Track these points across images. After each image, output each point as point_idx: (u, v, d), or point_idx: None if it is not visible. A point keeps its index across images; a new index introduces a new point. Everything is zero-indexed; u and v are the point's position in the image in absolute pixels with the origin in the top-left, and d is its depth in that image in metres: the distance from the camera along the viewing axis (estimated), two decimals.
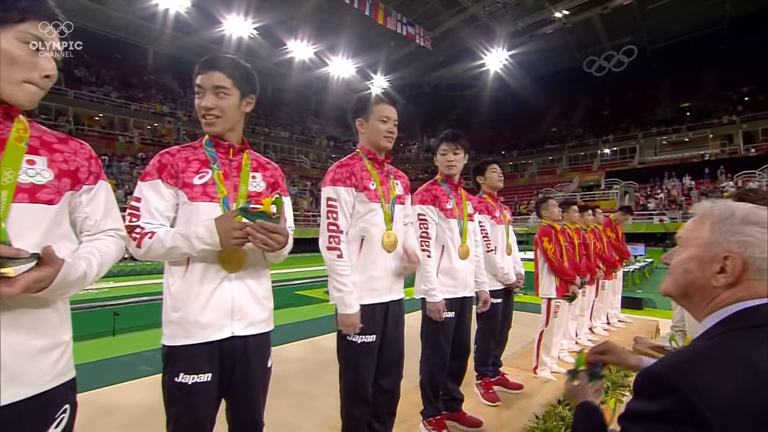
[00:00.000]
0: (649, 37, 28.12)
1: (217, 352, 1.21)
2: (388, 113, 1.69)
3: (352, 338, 1.60)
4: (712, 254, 0.73)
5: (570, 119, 33.75)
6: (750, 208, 0.74)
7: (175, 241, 1.14)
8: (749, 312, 0.68)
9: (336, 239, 1.56)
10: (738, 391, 0.57)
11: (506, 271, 2.64)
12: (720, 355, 0.62)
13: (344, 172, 1.64)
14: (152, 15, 22.06)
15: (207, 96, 1.23)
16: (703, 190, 21.04)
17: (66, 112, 20.09)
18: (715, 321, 0.72)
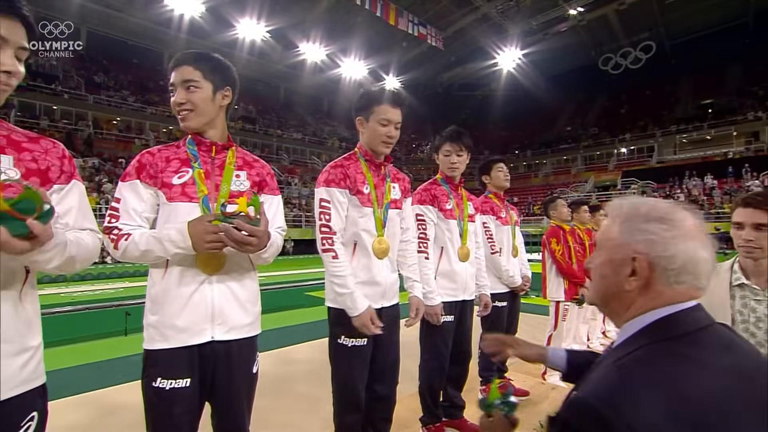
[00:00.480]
0: (668, 32, 27.34)
1: (197, 357, 1.17)
2: (390, 116, 1.59)
3: (343, 341, 1.56)
4: (622, 256, 0.67)
5: (585, 118, 33.09)
6: (654, 203, 0.69)
7: (148, 244, 1.11)
8: (665, 322, 0.64)
9: (329, 240, 1.51)
10: (667, 423, 0.52)
11: (511, 274, 2.55)
12: (649, 382, 0.56)
13: (338, 173, 1.58)
14: (168, 20, 22.56)
15: (178, 91, 1.20)
16: (727, 189, 20.32)
17: (85, 117, 20.69)
18: (633, 331, 0.66)
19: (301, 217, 21.13)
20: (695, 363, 0.58)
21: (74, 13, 20.08)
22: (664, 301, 0.65)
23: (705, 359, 0.59)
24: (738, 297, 1.28)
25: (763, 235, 1.22)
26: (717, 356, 0.60)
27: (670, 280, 0.64)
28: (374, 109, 1.59)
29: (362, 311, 1.47)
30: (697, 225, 0.66)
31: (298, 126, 31.20)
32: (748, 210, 1.25)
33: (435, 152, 2.22)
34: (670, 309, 0.64)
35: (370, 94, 1.63)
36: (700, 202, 20.22)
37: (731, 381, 0.58)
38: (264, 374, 3.73)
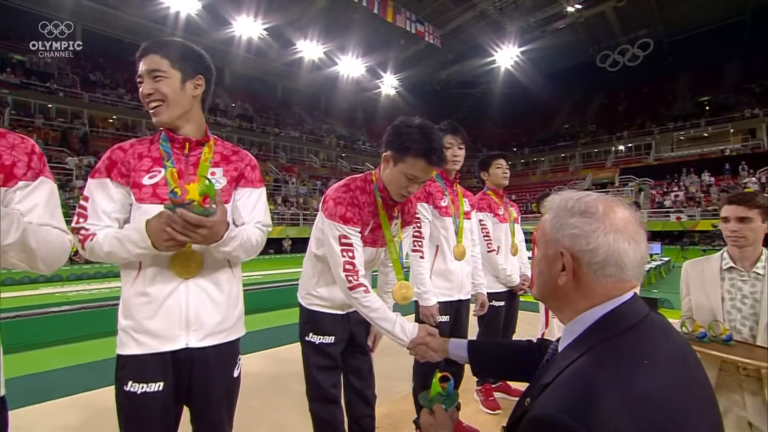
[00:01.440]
0: (666, 29, 27.33)
1: (170, 362, 1.12)
2: (421, 174, 1.36)
3: (310, 339, 1.55)
4: (554, 252, 0.69)
5: (583, 116, 33.10)
6: (581, 196, 0.69)
7: (111, 245, 1.05)
8: (608, 319, 0.64)
9: (355, 276, 1.36)
10: (635, 423, 0.52)
11: (509, 273, 2.50)
12: (608, 388, 0.55)
13: (356, 213, 1.41)
14: (164, 18, 22.40)
15: (145, 82, 1.13)
16: (724, 186, 20.37)
17: (81, 115, 20.58)
18: (579, 331, 0.67)
19: (299, 215, 21.09)
20: (644, 357, 0.59)
21: (69, 11, 19.93)
22: (599, 297, 0.65)
23: (651, 351, 0.60)
24: (727, 279, 1.56)
25: (745, 226, 1.49)
26: (659, 346, 0.62)
27: (597, 273, 0.64)
28: (408, 159, 1.35)
29: (407, 339, 1.26)
30: (623, 218, 0.65)
31: (296, 124, 31.11)
32: (733, 206, 1.53)
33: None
34: (609, 305, 0.65)
35: (411, 139, 1.34)
36: (698, 199, 20.29)
37: (675, 367, 0.60)
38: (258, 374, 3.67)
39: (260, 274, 10.21)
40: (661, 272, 10.73)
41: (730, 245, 1.56)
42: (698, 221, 18.45)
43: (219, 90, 29.28)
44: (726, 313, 1.54)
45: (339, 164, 29.97)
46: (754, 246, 1.51)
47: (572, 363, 0.62)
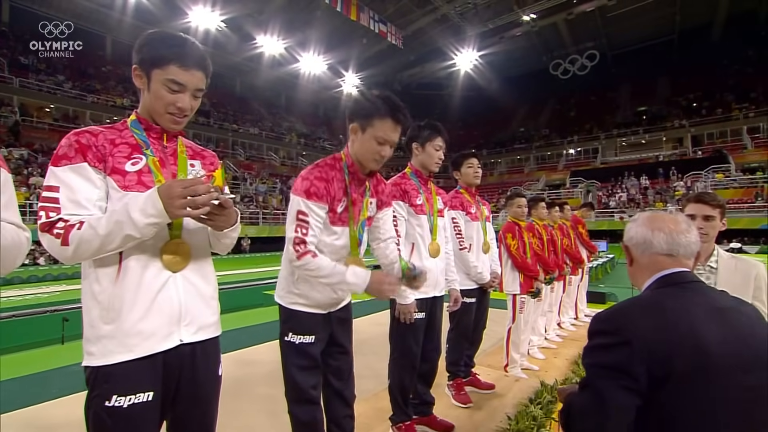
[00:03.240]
0: (610, 43, 29.50)
1: (161, 366, 1.05)
2: (391, 135, 1.41)
3: (290, 338, 1.51)
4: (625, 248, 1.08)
5: (537, 120, 34.86)
6: (639, 214, 1.07)
7: (109, 224, 0.94)
8: (664, 278, 0.97)
9: (302, 247, 1.40)
10: (650, 320, 0.86)
11: (479, 270, 2.54)
12: (645, 304, 0.92)
13: (321, 188, 1.41)
14: (111, 2, 20.82)
15: (186, 97, 1.08)
16: (658, 189, 22.35)
17: (10, 102, 18.57)
18: (645, 286, 1.01)
19: (258, 213, 20.42)
20: (676, 296, 0.91)
21: None
22: (651, 268, 0.99)
23: (688, 294, 0.91)
24: None
25: (709, 224, 1.60)
26: (699, 295, 0.92)
27: (639, 251, 1.01)
28: (374, 123, 1.40)
29: (369, 279, 1.36)
30: (652, 216, 1.03)
31: (255, 121, 30.11)
32: (699, 204, 1.63)
33: (420, 144, 2.08)
34: (665, 271, 0.97)
35: (373, 103, 1.41)
36: (637, 201, 22.06)
37: (704, 306, 0.88)
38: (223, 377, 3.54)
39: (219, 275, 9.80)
40: (606, 268, 11.59)
41: None
42: None
43: None
44: None
45: (300, 162, 29.40)
46: (710, 243, 1.62)
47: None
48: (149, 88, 1.07)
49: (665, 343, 0.81)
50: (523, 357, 3.28)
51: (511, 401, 2.54)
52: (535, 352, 3.59)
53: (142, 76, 1.07)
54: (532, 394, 2.53)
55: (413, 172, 2.13)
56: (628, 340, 0.82)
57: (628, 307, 0.91)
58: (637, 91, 30.75)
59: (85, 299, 1.04)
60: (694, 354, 0.80)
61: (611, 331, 0.87)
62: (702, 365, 0.80)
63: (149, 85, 1.07)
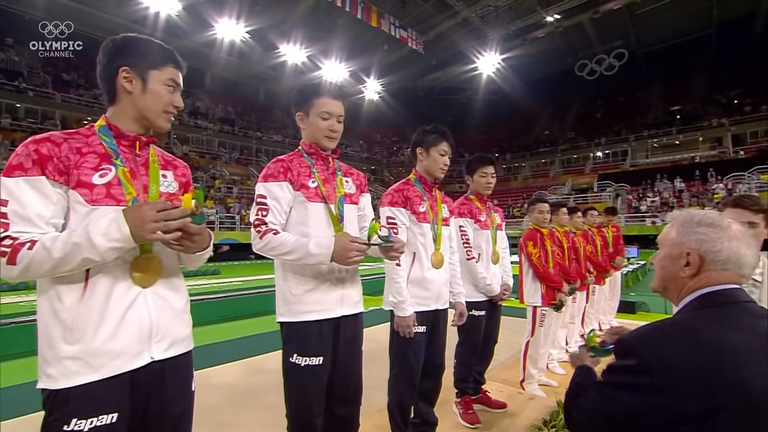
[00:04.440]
0: (639, 41, 28.37)
1: (128, 385, 1.00)
2: (331, 108, 1.50)
3: (295, 360, 1.43)
4: (679, 251, 0.91)
5: (562, 122, 33.93)
6: (704, 213, 0.92)
7: (66, 246, 0.88)
8: (710, 296, 0.85)
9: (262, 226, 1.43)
10: (679, 352, 0.76)
11: (488, 282, 2.38)
12: (671, 331, 0.81)
13: (279, 167, 1.48)
14: (143, 18, 21.83)
15: (177, 93, 1.13)
16: (694, 192, 21.18)
17: (53, 116, 19.81)
18: (685, 303, 0.89)
19: None
20: (719, 322, 0.79)
21: (43, 8, 19.23)
22: (713, 281, 0.86)
23: (731, 320, 0.80)
24: None
25: (750, 231, 1.36)
26: (743, 320, 0.80)
27: (718, 267, 0.86)
28: (314, 102, 1.50)
29: (333, 247, 1.35)
30: (740, 230, 0.88)
31: (278, 128, 30.77)
32: (738, 210, 1.48)
33: (425, 149, 2.00)
34: (716, 287, 0.85)
35: (308, 88, 1.54)
36: (671, 204, 20.99)
37: (749, 336, 0.77)
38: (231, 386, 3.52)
39: (240, 280, 9.97)
40: (637, 275, 11.00)
41: None
42: None
43: (200, 92, 28.73)
44: None
45: None
46: None
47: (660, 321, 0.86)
48: (145, 89, 1.06)
49: (701, 383, 0.73)
50: (541, 372, 3.10)
51: (523, 422, 2.37)
52: (554, 366, 3.40)
53: (135, 78, 1.05)
54: (547, 414, 2.36)
55: (417, 179, 2.04)
56: (646, 368, 0.77)
57: (652, 334, 0.83)
58: (669, 90, 29.40)
59: (42, 317, 0.96)
60: (738, 400, 0.71)
61: (631, 355, 0.81)
62: (751, 410, 0.71)
63: (145, 87, 1.06)
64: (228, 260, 16.32)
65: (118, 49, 1.06)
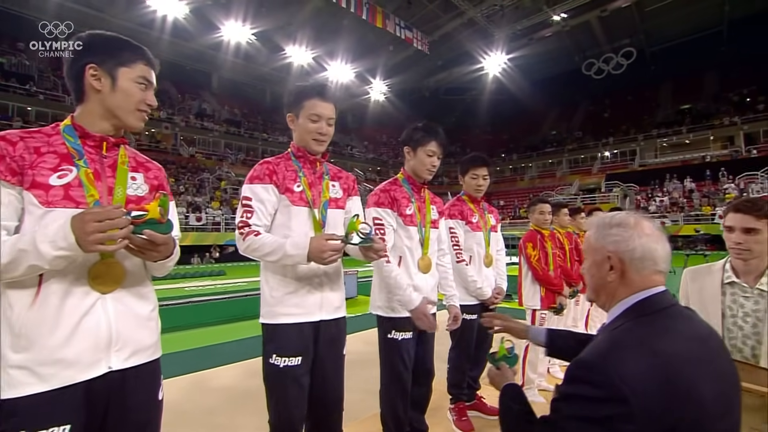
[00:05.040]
0: (648, 39, 27.97)
1: (82, 395, 0.95)
2: (320, 110, 1.48)
3: (274, 360, 1.41)
4: (601, 257, 0.90)
5: (569, 122, 33.61)
6: (614, 214, 0.93)
7: (13, 251, 0.85)
8: (642, 303, 0.86)
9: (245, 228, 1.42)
10: (646, 371, 0.73)
11: (479, 285, 2.30)
12: (630, 344, 0.78)
13: (264, 169, 1.46)
14: (150, 21, 22.09)
15: (150, 91, 1.11)
16: (705, 192, 20.81)
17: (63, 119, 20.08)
18: (618, 312, 0.89)
19: None
20: (664, 330, 0.80)
21: (52, 13, 19.54)
22: (637, 287, 0.86)
23: (671, 327, 0.81)
24: (728, 293, 1.44)
25: (751, 238, 1.35)
26: (681, 325, 0.82)
27: (637, 268, 0.86)
28: (304, 104, 1.48)
29: (309, 247, 1.32)
30: (649, 226, 0.89)
31: (284, 129, 30.89)
32: (739, 215, 1.38)
33: (412, 148, 1.90)
34: (644, 294, 0.85)
35: (298, 89, 1.52)
36: (681, 205, 20.66)
37: (692, 342, 0.80)
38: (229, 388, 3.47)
39: (245, 281, 10.00)
40: None
41: (734, 257, 1.42)
42: (681, 226, 18.75)
43: (206, 94, 29.00)
44: (726, 331, 1.41)
45: None
46: (760, 259, 1.35)
47: (611, 331, 0.85)
48: (114, 87, 1.03)
49: (664, 400, 0.71)
50: (541, 377, 3.03)
51: None
52: (555, 371, 3.33)
53: (103, 76, 1.02)
54: None
55: (405, 179, 1.95)
56: (622, 397, 0.71)
57: (613, 352, 0.78)
58: (679, 88, 28.95)
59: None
60: (690, 411, 0.72)
61: (599, 383, 0.74)
62: (698, 420, 0.73)
63: (114, 84, 1.03)
64: (234, 261, 16.43)
65: (84, 46, 1.03)
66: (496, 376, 1.18)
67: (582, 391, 0.77)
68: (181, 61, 27.26)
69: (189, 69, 28.27)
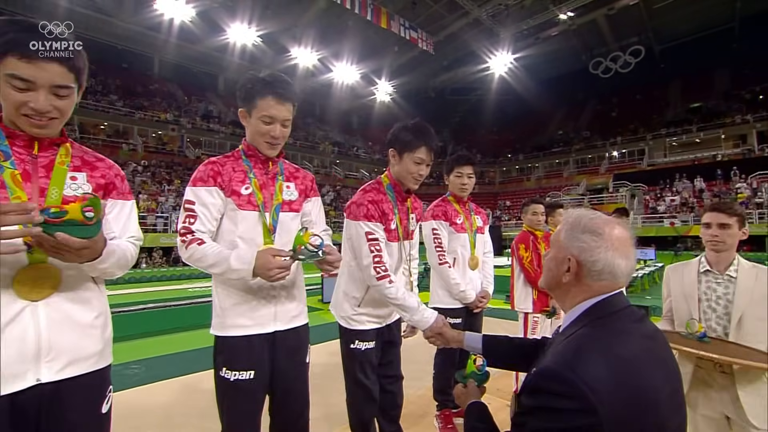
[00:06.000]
0: (657, 36, 27.55)
1: (7, 409, 0.89)
2: (274, 113, 1.34)
3: (224, 374, 1.32)
4: (563, 255, 0.89)
5: (577, 122, 33.23)
6: (591, 218, 0.89)
7: None
8: (598, 306, 0.85)
9: (188, 235, 1.30)
10: (610, 378, 0.72)
11: (462, 288, 2.20)
12: (593, 349, 0.77)
13: (209, 170, 1.35)
14: (158, 24, 22.38)
15: (39, 95, 0.95)
16: (716, 191, 20.40)
17: (71, 121, 20.44)
18: (575, 316, 0.88)
19: None
20: (622, 332, 0.81)
21: (61, 18, 19.84)
22: (593, 292, 0.86)
23: (627, 329, 0.82)
24: (704, 281, 1.68)
25: (725, 232, 1.61)
26: (635, 326, 0.83)
27: (594, 278, 0.85)
28: (257, 103, 1.34)
29: (255, 262, 1.22)
30: (622, 238, 0.86)
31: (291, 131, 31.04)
32: (714, 213, 1.64)
33: (398, 151, 1.67)
34: (599, 297, 0.86)
35: (252, 84, 1.35)
36: (691, 205, 20.29)
37: (646, 342, 0.81)
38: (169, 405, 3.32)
39: None
40: (654, 278, 10.57)
41: (709, 249, 1.68)
42: (691, 226, 18.41)
43: (213, 96, 29.25)
44: (702, 313, 1.65)
45: (333, 170, 29.86)
46: (729, 251, 1.62)
47: (569, 337, 0.84)
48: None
49: (628, 406, 0.71)
50: None
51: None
52: None
53: None
54: None
55: (391, 185, 1.72)
56: (591, 408, 0.69)
57: (578, 360, 0.75)
58: (689, 87, 28.45)
59: None
60: (652, 414, 0.73)
61: (567, 394, 0.71)
62: (657, 423, 0.74)
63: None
64: None
65: None
66: (462, 395, 1.12)
67: (548, 402, 0.73)
68: (188, 63, 27.57)
69: (195, 71, 28.56)
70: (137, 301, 7.05)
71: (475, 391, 1.11)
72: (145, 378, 3.60)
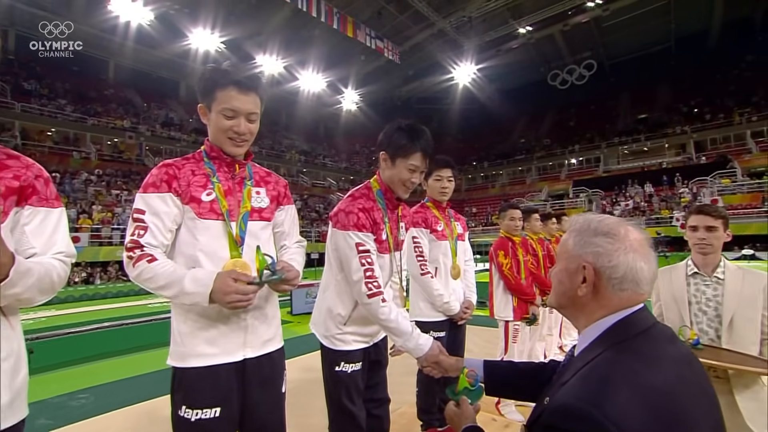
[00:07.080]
0: (607, 52, 29.54)
1: None
2: (236, 104, 1.19)
3: (183, 414, 1.13)
4: (575, 265, 0.77)
5: (538, 130, 34.77)
6: (601, 219, 0.79)
7: None
8: (620, 325, 0.73)
9: (136, 250, 1.15)
10: (643, 414, 0.61)
11: (446, 300, 2.08)
12: (620, 379, 0.65)
13: (162, 174, 1.18)
14: (113, 27, 21.23)
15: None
16: (663, 196, 21.94)
17: (12, 127, 18.82)
18: (593, 337, 0.75)
19: None
20: (652, 357, 0.68)
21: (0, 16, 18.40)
22: (613, 307, 0.74)
23: (658, 353, 0.70)
24: (692, 284, 1.67)
25: (712, 234, 1.62)
26: (666, 350, 0.71)
27: (615, 287, 0.73)
28: (216, 95, 1.19)
29: (212, 286, 1.06)
30: (639, 239, 0.75)
31: (256, 139, 29.93)
32: (701, 216, 1.64)
33: (390, 156, 1.50)
34: (622, 314, 0.73)
35: (212, 75, 1.20)
36: (642, 209, 21.65)
37: (680, 369, 0.69)
38: None
39: None
40: None
41: (696, 252, 1.68)
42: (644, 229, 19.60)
43: (174, 103, 28.04)
44: (693, 316, 1.65)
45: (300, 179, 29.38)
46: (716, 253, 1.64)
47: (588, 363, 0.71)
48: None
49: None
50: None
51: None
52: None
53: None
54: None
55: (381, 191, 1.55)
56: None
57: (602, 393, 0.63)
58: (636, 99, 30.66)
59: None
60: None
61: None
62: None
63: None
64: None
65: None
66: (455, 416, 0.99)
67: None
68: (147, 68, 26.31)
69: (155, 77, 27.29)
70: (89, 321, 6.51)
71: (470, 412, 0.99)
72: (95, 408, 3.26)
